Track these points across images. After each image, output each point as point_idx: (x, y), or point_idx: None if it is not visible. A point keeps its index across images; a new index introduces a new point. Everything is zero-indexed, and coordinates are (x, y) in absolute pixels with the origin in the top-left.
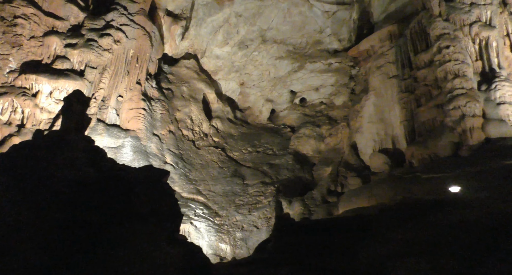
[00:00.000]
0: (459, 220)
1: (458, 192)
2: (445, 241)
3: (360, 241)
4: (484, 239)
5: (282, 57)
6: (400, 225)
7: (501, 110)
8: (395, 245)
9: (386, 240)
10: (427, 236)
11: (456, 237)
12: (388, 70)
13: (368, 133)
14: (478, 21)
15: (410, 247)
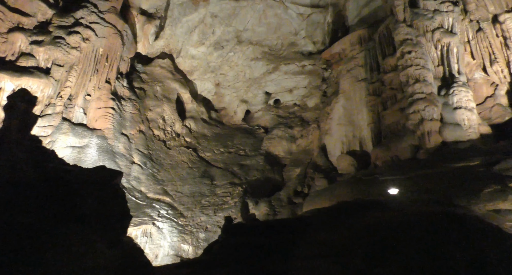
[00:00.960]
0: (374, 222)
1: (396, 194)
2: (355, 241)
3: (295, 243)
4: (386, 239)
5: (257, 58)
6: (327, 227)
7: (457, 114)
8: (315, 247)
9: (312, 242)
10: (343, 237)
11: (364, 237)
12: (357, 73)
13: (337, 135)
14: (441, 28)
15: (325, 247)
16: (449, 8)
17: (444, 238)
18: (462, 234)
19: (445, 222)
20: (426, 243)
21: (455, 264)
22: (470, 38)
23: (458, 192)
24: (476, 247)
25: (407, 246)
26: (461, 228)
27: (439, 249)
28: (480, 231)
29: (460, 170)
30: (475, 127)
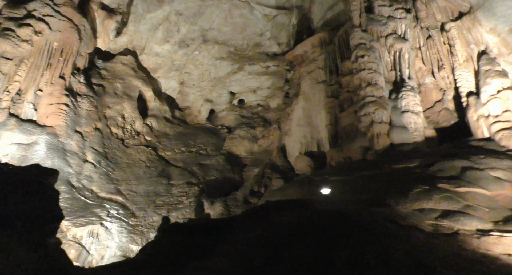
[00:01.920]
0: (285, 220)
1: (328, 194)
2: (262, 240)
3: (217, 243)
4: (285, 237)
5: (223, 57)
6: (248, 226)
7: (404, 117)
8: (231, 246)
9: (231, 241)
10: (255, 236)
11: (269, 236)
12: (317, 75)
13: (296, 136)
14: (394, 34)
15: (239, 246)
16: (402, 15)
17: (331, 236)
18: (347, 233)
19: (334, 221)
20: (316, 241)
21: (336, 261)
22: (421, 44)
23: (391, 192)
24: (356, 246)
25: (300, 244)
26: (348, 226)
27: (324, 247)
28: (365, 230)
29: (399, 171)
30: (421, 130)
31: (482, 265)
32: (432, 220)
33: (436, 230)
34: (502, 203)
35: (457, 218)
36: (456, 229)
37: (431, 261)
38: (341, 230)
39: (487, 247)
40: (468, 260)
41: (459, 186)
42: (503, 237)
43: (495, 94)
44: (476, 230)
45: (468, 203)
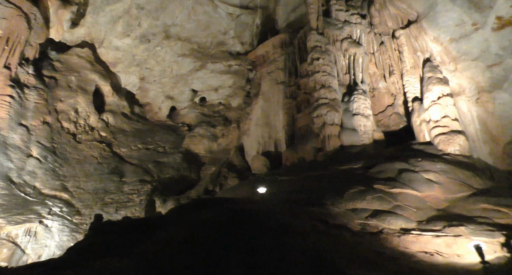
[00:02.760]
0: (200, 218)
1: (264, 193)
2: (175, 238)
3: (140, 241)
4: (194, 233)
5: (185, 54)
6: (172, 224)
7: (355, 120)
8: (149, 244)
9: (149, 241)
10: (174, 233)
11: (183, 233)
12: (277, 76)
13: (254, 136)
14: (349, 38)
15: (156, 245)
16: (357, 20)
17: (228, 233)
18: (247, 231)
19: (231, 218)
20: (217, 241)
21: (228, 257)
22: (375, 50)
23: (330, 192)
24: (249, 242)
25: (204, 239)
26: (241, 224)
27: (221, 242)
28: (266, 228)
29: (343, 172)
30: (370, 133)
31: (395, 261)
32: (362, 219)
33: (364, 229)
34: (430, 203)
35: (385, 217)
36: (381, 228)
37: (335, 258)
38: (243, 228)
39: (406, 245)
40: (385, 257)
41: (393, 187)
42: (421, 235)
43: (436, 100)
44: (400, 229)
45: (399, 204)
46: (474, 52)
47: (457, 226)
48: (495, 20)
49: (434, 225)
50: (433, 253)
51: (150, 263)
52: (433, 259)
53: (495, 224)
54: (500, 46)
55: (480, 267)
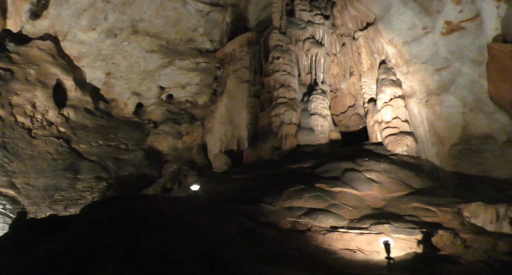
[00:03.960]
0: (99, 216)
1: (197, 190)
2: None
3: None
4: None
5: (153, 50)
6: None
7: (312, 120)
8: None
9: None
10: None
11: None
12: (242, 75)
13: (217, 134)
14: (312, 38)
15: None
16: (320, 20)
17: (114, 231)
18: (128, 228)
19: (120, 217)
20: (102, 234)
21: (108, 255)
22: (337, 51)
23: (273, 190)
24: (136, 240)
25: (91, 236)
26: (131, 222)
27: (105, 240)
28: (153, 226)
29: (293, 171)
30: (326, 133)
31: (312, 258)
32: (295, 217)
33: (293, 227)
34: (368, 202)
35: (317, 216)
36: (310, 226)
37: (235, 256)
38: (131, 226)
39: (330, 243)
40: (304, 254)
41: (334, 186)
42: (345, 233)
43: (388, 101)
44: (330, 227)
45: (335, 202)
46: (424, 55)
47: (383, 224)
48: (444, 24)
49: (363, 223)
50: (355, 250)
51: (32, 262)
52: (353, 256)
53: (421, 222)
54: (448, 50)
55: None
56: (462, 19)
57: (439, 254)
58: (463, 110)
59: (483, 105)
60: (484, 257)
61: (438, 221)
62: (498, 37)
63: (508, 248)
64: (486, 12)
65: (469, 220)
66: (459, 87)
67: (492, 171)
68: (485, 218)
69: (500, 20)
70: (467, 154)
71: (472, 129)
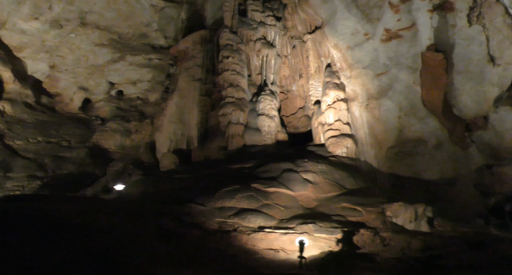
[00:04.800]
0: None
1: (121, 190)
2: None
3: None
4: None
5: (103, 44)
6: None
7: (259, 120)
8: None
9: None
10: None
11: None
12: (194, 73)
13: (167, 132)
14: (263, 39)
15: None
16: (272, 22)
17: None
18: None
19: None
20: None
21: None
22: (288, 52)
23: (208, 190)
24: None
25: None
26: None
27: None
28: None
29: (233, 171)
30: (273, 134)
31: (229, 259)
32: (224, 218)
33: (220, 228)
34: (302, 202)
35: (246, 216)
36: (237, 227)
37: (134, 259)
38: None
39: (254, 243)
40: (223, 255)
41: (270, 187)
42: (270, 233)
43: (331, 104)
44: (258, 227)
45: (268, 202)
46: (365, 61)
47: (308, 224)
48: (384, 32)
49: (291, 223)
50: (278, 249)
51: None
52: (275, 255)
53: (346, 222)
54: (387, 57)
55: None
56: (400, 27)
57: (357, 252)
58: (399, 114)
59: (417, 110)
60: (399, 254)
61: (362, 220)
62: (431, 46)
63: (420, 245)
64: (421, 22)
65: (390, 220)
66: (396, 93)
67: (422, 172)
68: (405, 217)
69: (433, 30)
70: (401, 156)
71: (406, 132)
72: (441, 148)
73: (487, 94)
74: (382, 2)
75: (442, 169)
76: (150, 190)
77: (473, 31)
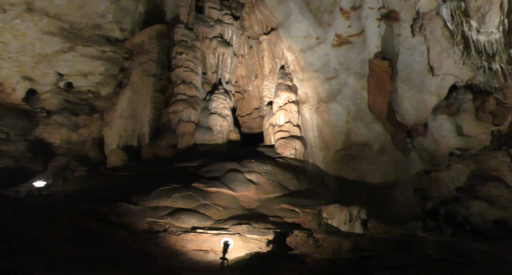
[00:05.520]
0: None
1: (42, 186)
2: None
3: None
4: None
5: (52, 33)
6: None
7: (211, 119)
8: None
9: None
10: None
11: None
12: (149, 68)
13: (117, 128)
14: (219, 37)
15: None
16: (230, 21)
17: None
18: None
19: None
20: None
21: None
22: (245, 52)
23: (145, 189)
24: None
25: None
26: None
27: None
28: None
29: (177, 170)
30: (225, 133)
31: (153, 260)
32: (157, 217)
33: (150, 228)
34: (243, 203)
35: (181, 216)
36: (167, 227)
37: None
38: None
39: (183, 244)
40: (145, 256)
41: (211, 186)
42: (200, 234)
43: (282, 106)
44: (191, 227)
45: (207, 202)
46: (316, 64)
47: (241, 225)
48: (335, 37)
49: (226, 224)
50: (208, 250)
51: None
52: (204, 256)
53: (283, 223)
54: (338, 62)
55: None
56: (350, 34)
57: (288, 253)
58: (347, 118)
59: (363, 115)
60: (330, 255)
61: (299, 221)
62: (379, 53)
63: (350, 246)
64: (370, 30)
65: (326, 221)
66: (345, 97)
67: (366, 176)
68: (340, 219)
69: (380, 38)
70: (347, 159)
71: (353, 136)
72: (384, 153)
73: (426, 102)
74: (333, 8)
75: (384, 173)
76: (86, 187)
77: (416, 42)
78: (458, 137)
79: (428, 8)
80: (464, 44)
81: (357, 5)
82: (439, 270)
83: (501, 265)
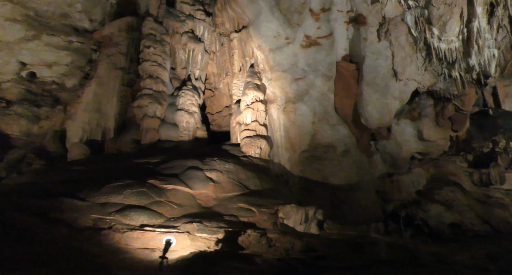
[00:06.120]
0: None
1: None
2: None
3: None
4: None
5: (16, 20)
6: None
7: (177, 115)
8: None
9: None
10: None
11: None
12: (116, 61)
13: (80, 121)
14: (190, 33)
15: None
16: (202, 16)
17: None
18: None
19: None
20: None
21: None
22: (217, 49)
23: (96, 184)
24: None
25: None
26: None
27: None
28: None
29: (136, 165)
30: (191, 130)
31: (91, 259)
32: (104, 214)
33: (95, 225)
34: (200, 201)
35: (130, 213)
36: (113, 224)
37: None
38: None
39: (128, 242)
40: (84, 255)
41: (168, 183)
42: (147, 232)
43: (250, 104)
44: (140, 225)
45: (161, 199)
46: (285, 64)
47: (192, 223)
48: (304, 38)
49: (178, 222)
50: (155, 249)
51: None
52: (149, 255)
53: (237, 222)
54: (306, 63)
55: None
56: (319, 35)
57: (239, 252)
58: (313, 119)
59: (329, 116)
60: (283, 255)
61: (254, 221)
62: (346, 56)
63: (302, 246)
64: (338, 32)
65: (282, 221)
66: (311, 98)
67: (330, 177)
68: (296, 219)
69: (348, 41)
70: (312, 160)
71: (319, 138)
72: (348, 155)
73: (390, 106)
74: (303, 9)
75: (347, 175)
76: (37, 181)
77: (381, 46)
78: (419, 142)
79: (394, 14)
80: (427, 51)
81: (327, 7)
82: (388, 271)
83: (449, 266)
